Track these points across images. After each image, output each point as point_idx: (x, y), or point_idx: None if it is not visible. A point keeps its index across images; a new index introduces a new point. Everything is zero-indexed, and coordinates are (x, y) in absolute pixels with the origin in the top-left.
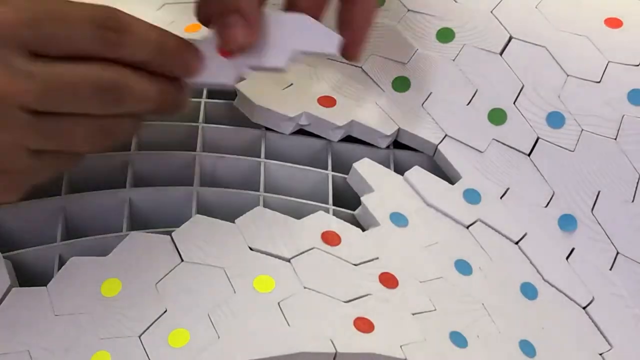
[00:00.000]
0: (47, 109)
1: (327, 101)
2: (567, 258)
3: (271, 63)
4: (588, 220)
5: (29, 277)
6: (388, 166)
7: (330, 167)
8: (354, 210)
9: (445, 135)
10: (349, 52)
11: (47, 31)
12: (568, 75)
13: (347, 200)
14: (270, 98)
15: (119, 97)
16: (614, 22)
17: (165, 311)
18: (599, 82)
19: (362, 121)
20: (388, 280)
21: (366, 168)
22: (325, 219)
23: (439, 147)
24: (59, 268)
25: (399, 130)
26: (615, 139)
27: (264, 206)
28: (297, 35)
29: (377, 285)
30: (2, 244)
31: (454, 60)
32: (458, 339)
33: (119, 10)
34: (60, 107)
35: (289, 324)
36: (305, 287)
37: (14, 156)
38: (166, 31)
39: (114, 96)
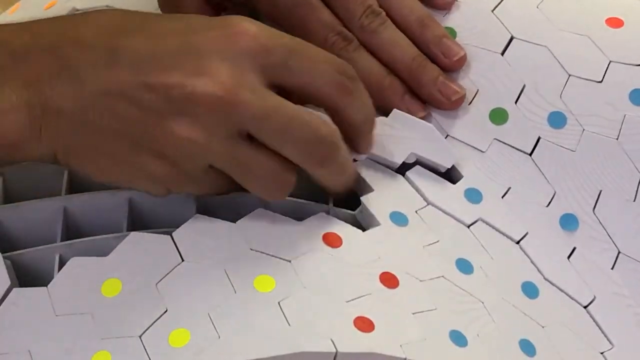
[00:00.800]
0: (256, 133)
1: None
2: (569, 257)
3: (388, 157)
4: (589, 220)
5: (29, 277)
6: None
7: None
8: (354, 210)
9: (447, 135)
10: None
11: (286, 62)
12: (569, 75)
13: (347, 200)
14: None
15: (329, 155)
16: (615, 22)
17: (166, 311)
18: (600, 81)
19: None
20: (388, 280)
21: (366, 167)
22: (326, 221)
23: None
24: (59, 268)
25: None
26: (617, 138)
27: (264, 206)
28: (420, 141)
29: (377, 285)
30: (2, 244)
31: None
32: (458, 338)
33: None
34: (270, 138)
35: (289, 324)
36: (305, 287)
37: (192, 159)
38: None
39: (325, 152)
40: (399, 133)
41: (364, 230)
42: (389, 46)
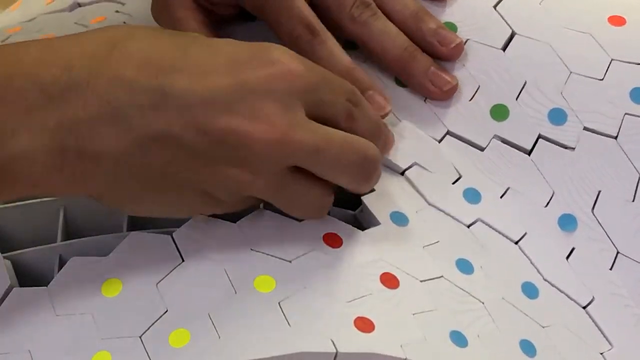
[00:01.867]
0: (309, 167)
1: None
2: (567, 258)
3: (392, 160)
4: (588, 220)
5: (29, 277)
6: None
7: None
8: (354, 210)
9: (448, 131)
10: None
11: (320, 97)
12: (571, 72)
13: (347, 200)
14: None
15: (374, 173)
16: (617, 20)
17: (166, 311)
18: (601, 79)
19: None
20: (389, 280)
21: None
22: (326, 221)
23: (440, 144)
24: (59, 268)
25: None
26: (616, 137)
27: (265, 206)
28: (425, 155)
29: (377, 285)
30: (2, 244)
31: None
32: (458, 339)
33: (356, 89)
34: (323, 169)
35: (289, 324)
36: (305, 287)
37: (235, 195)
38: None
39: (372, 171)
40: (406, 142)
41: (364, 230)
42: (379, 37)
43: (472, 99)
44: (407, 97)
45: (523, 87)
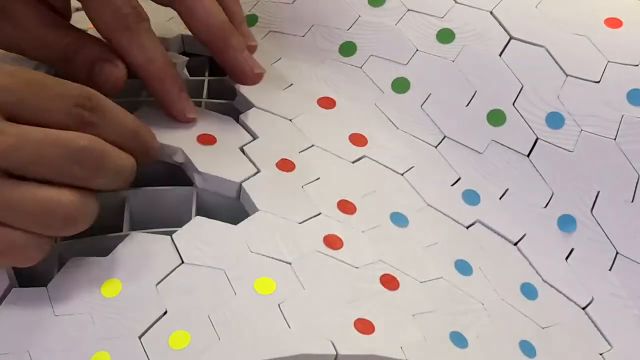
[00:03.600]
0: (9, 168)
1: (327, 102)
2: (567, 258)
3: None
4: (587, 221)
5: (29, 277)
6: None
7: None
8: None
9: (444, 136)
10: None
11: (23, 98)
12: (567, 76)
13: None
14: (269, 99)
15: (96, 163)
16: (613, 22)
17: (166, 312)
18: (598, 82)
19: None
20: (389, 282)
21: (367, 166)
22: (327, 223)
23: (437, 148)
24: (59, 268)
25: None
26: (615, 139)
27: (265, 209)
28: None
29: (377, 287)
30: None
31: (453, 61)
32: (458, 340)
33: (98, 93)
34: (23, 168)
35: (289, 326)
36: (305, 289)
37: None
38: (141, 123)
39: (93, 162)
40: (404, 146)
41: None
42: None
43: (468, 104)
44: (404, 104)
45: (520, 92)
